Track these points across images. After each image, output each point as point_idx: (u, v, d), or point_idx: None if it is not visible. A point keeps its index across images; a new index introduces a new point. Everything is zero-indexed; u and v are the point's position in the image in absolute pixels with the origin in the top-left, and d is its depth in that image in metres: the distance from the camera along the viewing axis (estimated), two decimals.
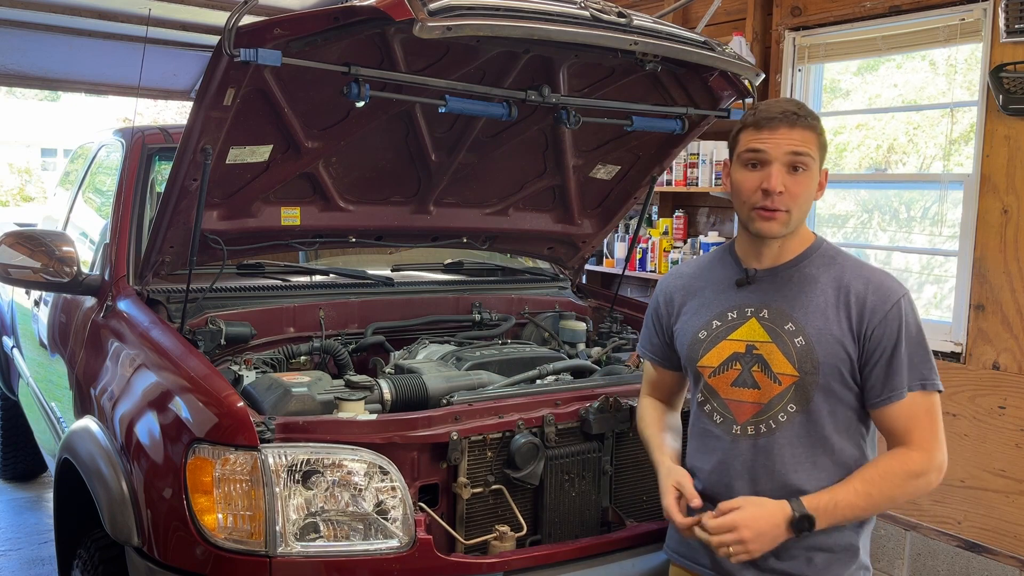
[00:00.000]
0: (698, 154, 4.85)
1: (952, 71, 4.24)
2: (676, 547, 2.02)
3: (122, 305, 2.65)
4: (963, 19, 3.81)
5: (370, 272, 3.17)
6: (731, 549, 1.73)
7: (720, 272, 1.96)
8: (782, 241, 1.86)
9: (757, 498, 1.78)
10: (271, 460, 1.89)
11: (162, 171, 3.10)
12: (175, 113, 16.71)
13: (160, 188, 2.96)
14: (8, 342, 4.38)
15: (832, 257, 1.88)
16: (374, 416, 2.09)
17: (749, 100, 2.81)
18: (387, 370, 2.55)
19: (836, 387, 1.80)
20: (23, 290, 3.87)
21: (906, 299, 1.81)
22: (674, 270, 2.13)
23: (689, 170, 4.91)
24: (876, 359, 1.78)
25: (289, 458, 1.91)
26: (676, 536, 2.01)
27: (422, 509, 2.05)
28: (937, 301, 4.30)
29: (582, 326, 3.19)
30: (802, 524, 1.73)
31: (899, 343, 1.77)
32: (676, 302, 2.02)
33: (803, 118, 1.79)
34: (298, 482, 1.91)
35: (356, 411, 2.12)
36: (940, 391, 1.81)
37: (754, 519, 1.72)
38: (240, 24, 2.03)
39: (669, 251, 5.10)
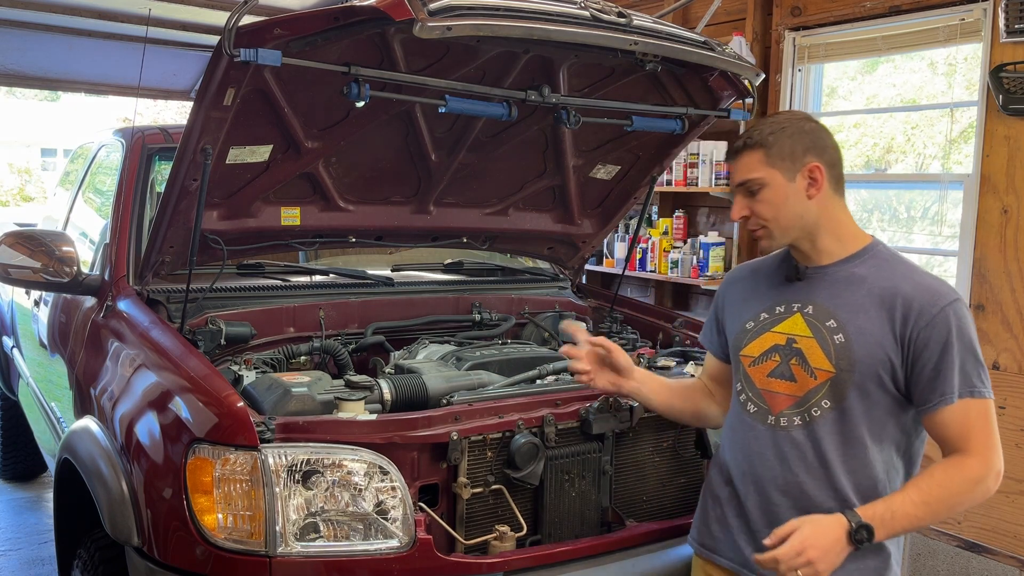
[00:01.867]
0: (698, 154, 4.85)
1: (952, 71, 4.24)
2: (700, 538, 2.04)
3: (122, 305, 2.65)
4: (963, 19, 3.81)
5: (370, 272, 3.17)
6: (799, 573, 1.70)
7: (777, 268, 2.00)
8: (810, 243, 1.89)
9: (809, 516, 1.76)
10: (271, 460, 1.89)
11: (162, 171, 3.10)
12: (175, 113, 16.71)
13: (160, 188, 2.96)
14: (8, 342, 4.38)
15: (885, 259, 1.87)
16: (374, 416, 2.09)
17: (749, 100, 2.82)
18: (387, 370, 2.55)
19: (872, 388, 1.80)
20: (23, 290, 3.87)
21: (957, 304, 1.79)
22: (739, 266, 2.19)
23: (689, 170, 4.91)
24: (923, 363, 1.77)
25: (289, 458, 1.91)
26: (700, 527, 2.04)
27: (422, 509, 2.05)
28: None
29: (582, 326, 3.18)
30: (860, 535, 1.72)
31: (948, 348, 1.75)
32: (734, 293, 2.08)
33: (744, 142, 1.86)
34: (298, 482, 1.91)
35: (356, 411, 2.12)
36: (992, 399, 1.80)
37: (815, 537, 1.70)
38: (240, 24, 2.03)
39: (669, 251, 5.10)
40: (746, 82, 2.72)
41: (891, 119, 5.07)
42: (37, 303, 3.63)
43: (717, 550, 1.98)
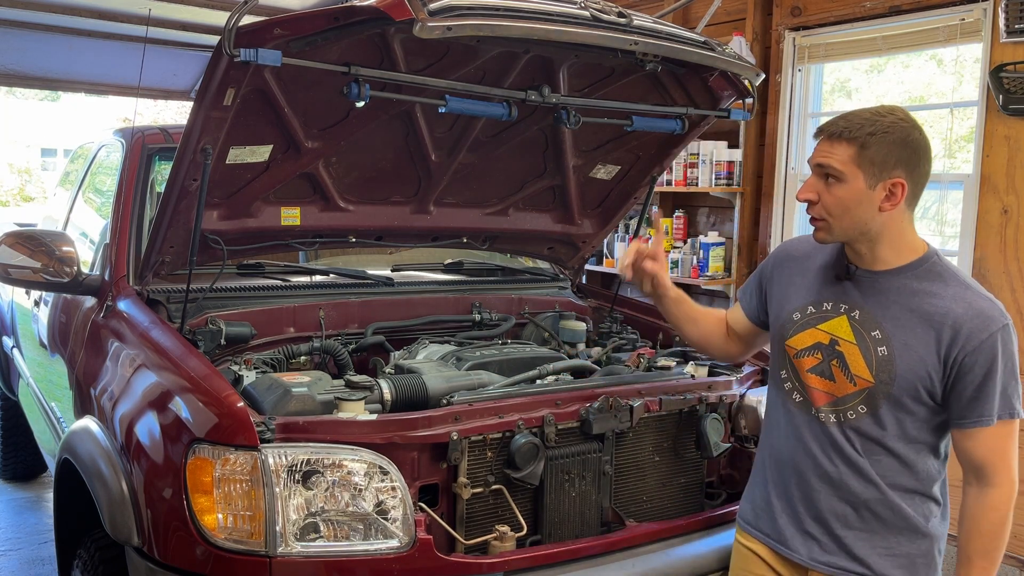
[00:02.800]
0: (698, 154, 4.85)
1: (960, 71, 4.24)
2: (743, 514, 2.12)
3: (122, 305, 2.65)
4: (963, 19, 3.81)
5: (370, 272, 3.17)
6: None
7: (831, 261, 1.99)
8: (869, 247, 1.87)
9: None
10: (271, 460, 1.89)
11: (162, 171, 3.10)
12: (175, 113, 16.71)
13: (160, 188, 2.96)
14: (8, 342, 4.38)
15: (939, 274, 1.86)
16: (374, 416, 2.09)
17: (749, 100, 2.82)
18: (387, 370, 2.55)
19: (908, 402, 1.83)
20: (23, 290, 3.87)
21: (1007, 330, 1.80)
22: (797, 239, 2.16)
23: (689, 170, 4.92)
24: (965, 384, 1.79)
25: (289, 458, 1.91)
26: (744, 504, 2.13)
27: (422, 509, 2.05)
28: None
29: (582, 326, 3.19)
30: None
31: (992, 372, 1.78)
32: (786, 271, 2.07)
33: (843, 130, 1.80)
34: (298, 482, 1.91)
35: (356, 411, 2.12)
36: (1021, 418, 1.84)
37: None
38: (240, 24, 2.03)
39: (669, 251, 5.10)
40: (746, 82, 2.72)
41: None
42: (37, 303, 3.63)
43: (759, 526, 2.06)
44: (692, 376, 2.61)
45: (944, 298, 1.82)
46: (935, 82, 4.72)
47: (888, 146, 1.78)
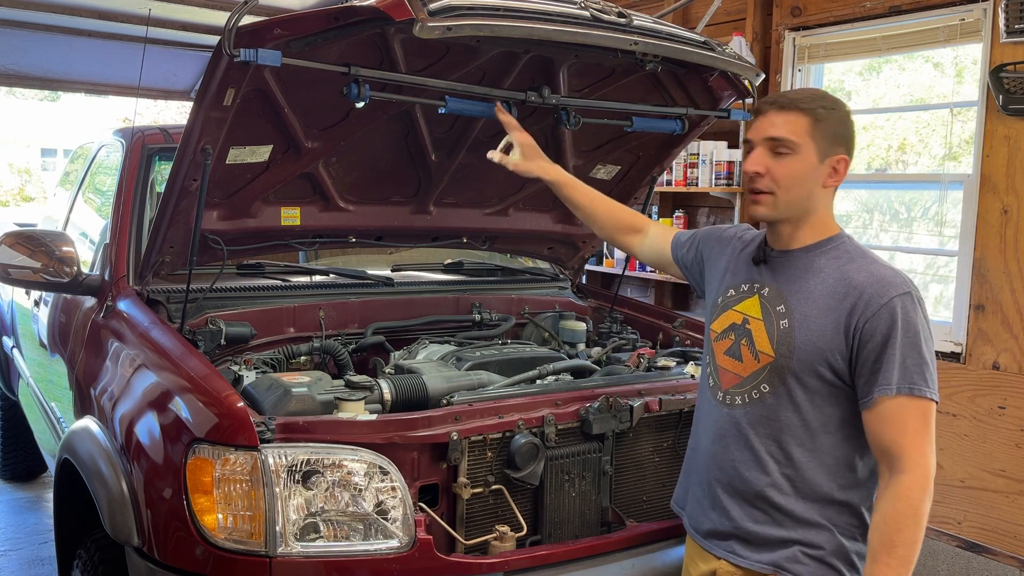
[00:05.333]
0: (698, 154, 4.85)
1: (960, 72, 4.24)
2: (676, 499, 2.15)
3: (122, 305, 2.65)
4: (963, 19, 3.81)
5: (370, 272, 3.17)
6: None
7: (752, 246, 2.00)
8: (792, 227, 1.87)
9: None
10: (271, 460, 1.89)
11: (162, 171, 3.10)
12: (175, 113, 16.71)
13: (160, 188, 2.96)
14: (8, 342, 4.38)
15: (847, 251, 1.85)
16: (374, 416, 2.09)
17: (749, 100, 2.82)
18: (387, 370, 2.55)
19: (810, 378, 1.78)
20: (23, 290, 3.87)
21: (908, 297, 1.75)
22: (733, 226, 2.18)
23: (689, 170, 4.92)
24: (867, 355, 1.74)
25: (289, 458, 1.91)
26: (677, 489, 2.15)
27: (422, 509, 2.05)
28: (945, 301, 4.29)
29: (582, 326, 3.19)
30: None
31: (892, 340, 1.72)
32: (718, 250, 2.09)
33: (793, 101, 1.79)
34: (298, 482, 1.91)
35: (356, 411, 2.12)
36: (933, 400, 1.73)
37: None
38: (240, 24, 2.03)
39: None
40: (746, 82, 2.72)
41: (900, 119, 5.06)
42: (37, 303, 3.63)
43: (685, 513, 2.08)
44: (692, 376, 2.61)
45: (850, 270, 1.80)
46: (934, 84, 4.72)
47: (836, 123, 1.81)
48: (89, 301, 2.88)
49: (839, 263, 1.83)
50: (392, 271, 3.32)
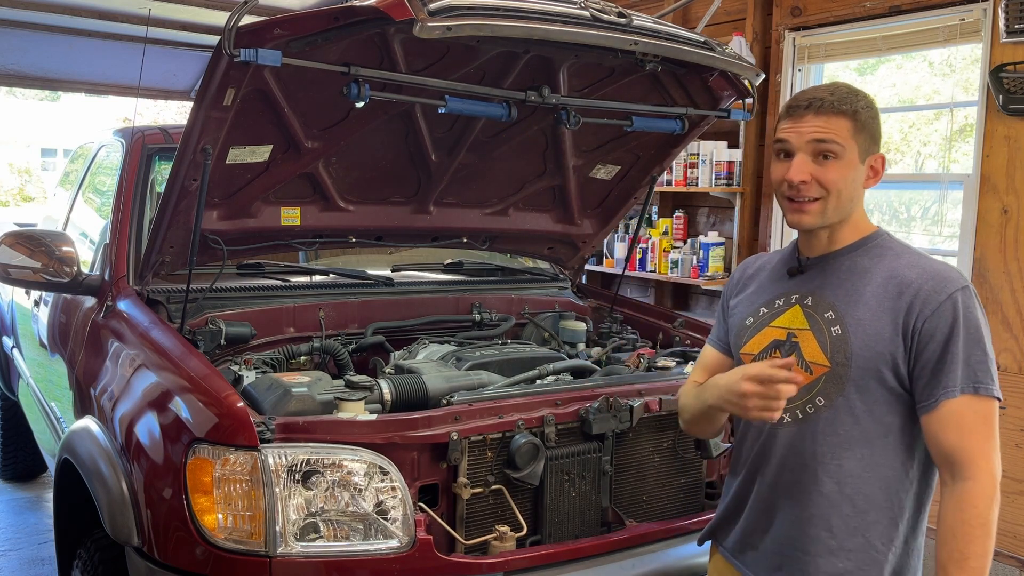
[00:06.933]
0: (698, 154, 4.85)
1: (956, 71, 4.24)
2: (713, 527, 1.98)
3: (122, 305, 2.65)
4: (963, 19, 3.81)
5: (370, 272, 3.17)
6: None
7: (781, 261, 1.90)
8: (831, 230, 1.77)
9: None
10: (271, 460, 1.89)
11: (162, 171, 3.10)
12: (175, 113, 16.72)
13: (160, 188, 2.96)
14: (8, 342, 4.38)
15: (890, 247, 1.76)
16: (374, 416, 2.09)
17: (749, 100, 2.82)
18: (387, 370, 2.55)
19: (872, 384, 1.67)
20: (23, 290, 3.87)
21: (966, 291, 1.65)
22: (750, 258, 2.06)
23: (689, 170, 4.92)
24: (928, 355, 1.63)
25: (289, 458, 1.91)
26: (716, 518, 1.97)
27: (422, 509, 2.05)
28: None
29: (582, 326, 3.19)
30: None
31: (954, 338, 1.62)
32: (737, 289, 1.97)
33: (832, 103, 1.69)
34: (298, 482, 1.91)
35: (356, 411, 2.12)
36: (997, 399, 1.65)
37: None
38: (240, 24, 2.03)
39: (669, 251, 5.10)
40: (746, 82, 2.72)
41: (901, 119, 5.06)
42: (37, 303, 3.63)
43: (720, 539, 1.95)
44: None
45: (898, 267, 1.70)
46: (928, 84, 4.72)
47: (873, 120, 1.73)
48: (89, 301, 2.88)
49: (885, 261, 1.73)
50: (392, 271, 3.32)
